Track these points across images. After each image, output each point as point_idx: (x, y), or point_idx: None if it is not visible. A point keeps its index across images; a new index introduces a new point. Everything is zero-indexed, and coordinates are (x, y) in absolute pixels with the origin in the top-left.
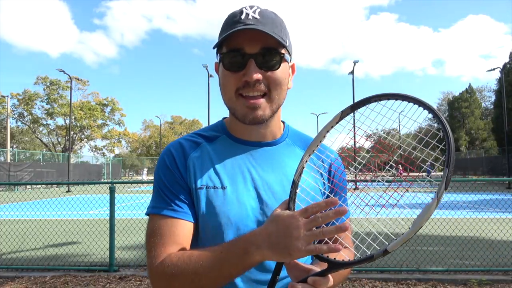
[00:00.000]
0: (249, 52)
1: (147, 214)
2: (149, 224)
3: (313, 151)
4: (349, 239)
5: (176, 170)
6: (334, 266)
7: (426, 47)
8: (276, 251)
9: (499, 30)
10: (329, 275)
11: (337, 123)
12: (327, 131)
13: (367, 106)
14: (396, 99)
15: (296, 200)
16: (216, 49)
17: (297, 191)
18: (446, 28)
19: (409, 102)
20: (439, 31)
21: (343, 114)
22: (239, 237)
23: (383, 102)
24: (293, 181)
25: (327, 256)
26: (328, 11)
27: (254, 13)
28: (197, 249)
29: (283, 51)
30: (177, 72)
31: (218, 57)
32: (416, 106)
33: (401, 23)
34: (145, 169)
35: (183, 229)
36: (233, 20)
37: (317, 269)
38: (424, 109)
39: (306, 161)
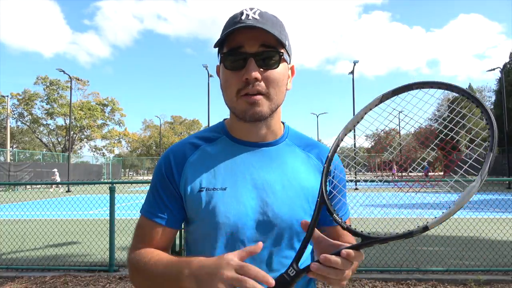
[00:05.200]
0: (248, 51)
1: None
2: (139, 220)
3: (350, 130)
4: (351, 237)
5: (171, 177)
6: (368, 239)
7: (419, 48)
8: (200, 285)
9: (492, 30)
10: (361, 251)
11: (376, 105)
12: (365, 113)
13: (408, 92)
14: (439, 88)
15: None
16: (217, 51)
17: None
18: (438, 28)
19: (452, 91)
20: (432, 31)
21: (383, 98)
22: (190, 259)
23: (425, 89)
24: (327, 157)
25: (361, 231)
26: (321, 10)
27: (254, 14)
28: (162, 254)
29: (282, 50)
30: (174, 72)
31: (219, 58)
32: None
33: (394, 22)
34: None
35: (163, 235)
36: (234, 21)
37: (346, 244)
38: (467, 98)
39: (342, 139)
